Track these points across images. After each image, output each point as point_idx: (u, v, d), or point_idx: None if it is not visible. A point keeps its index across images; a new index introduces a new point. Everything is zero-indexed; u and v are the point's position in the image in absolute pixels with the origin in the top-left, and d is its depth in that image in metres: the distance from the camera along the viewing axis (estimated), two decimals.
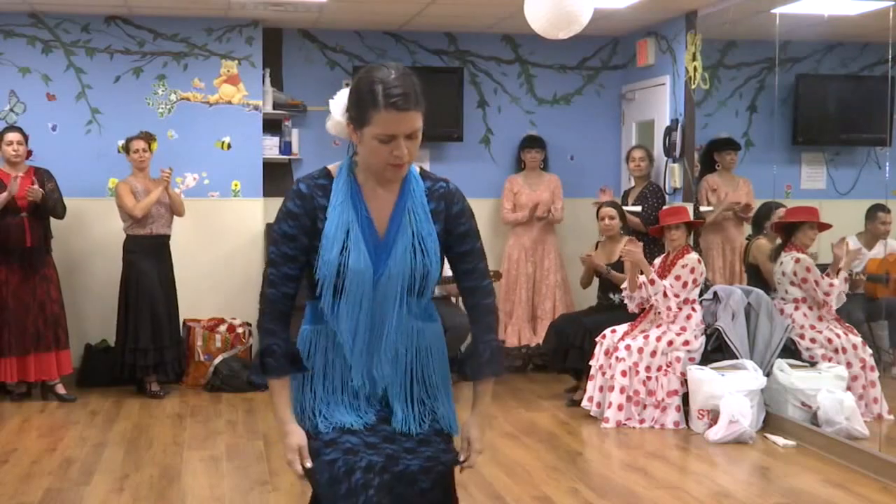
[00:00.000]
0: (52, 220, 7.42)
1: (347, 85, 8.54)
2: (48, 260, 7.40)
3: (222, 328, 8.03)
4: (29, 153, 7.37)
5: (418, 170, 2.70)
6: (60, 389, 7.35)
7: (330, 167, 2.66)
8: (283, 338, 2.67)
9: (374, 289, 2.59)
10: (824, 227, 6.97)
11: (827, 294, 6.77)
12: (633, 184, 8.38)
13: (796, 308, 6.89)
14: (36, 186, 7.12)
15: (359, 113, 2.51)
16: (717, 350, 6.83)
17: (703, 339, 6.85)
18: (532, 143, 8.59)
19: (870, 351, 6.76)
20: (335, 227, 2.57)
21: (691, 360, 6.74)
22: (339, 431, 2.61)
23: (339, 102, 2.64)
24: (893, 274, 7.46)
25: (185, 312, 7.91)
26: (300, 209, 2.60)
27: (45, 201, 7.16)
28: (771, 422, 6.51)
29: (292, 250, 2.61)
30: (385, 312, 2.61)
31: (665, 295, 6.78)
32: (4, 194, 7.01)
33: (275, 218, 2.66)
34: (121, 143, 7.93)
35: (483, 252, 2.75)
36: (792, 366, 6.65)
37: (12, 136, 7.26)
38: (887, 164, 8.00)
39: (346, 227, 2.58)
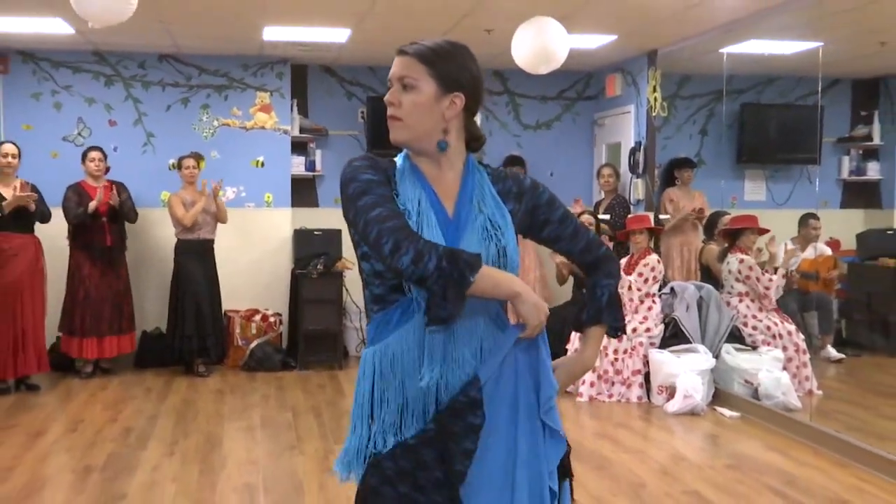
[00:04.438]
0: (126, 225, 7.52)
1: (363, 115, 8.70)
2: (122, 258, 7.50)
3: (257, 318, 8.04)
4: (107, 169, 7.43)
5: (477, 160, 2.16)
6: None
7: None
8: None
9: None
10: (763, 231, 7.00)
11: (767, 288, 6.79)
12: (602, 196, 8.40)
13: (740, 301, 6.91)
14: (115, 192, 7.25)
15: None
16: (673, 336, 6.85)
17: (661, 326, 6.87)
18: (513, 161, 8.60)
19: (802, 337, 6.78)
20: (404, 197, 1.99)
21: (652, 344, 6.76)
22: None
23: None
24: (822, 272, 7.48)
25: (226, 304, 7.91)
26: (371, 161, 2.03)
27: (121, 207, 7.26)
28: (719, 396, 6.52)
29: (388, 191, 1.97)
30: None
31: (629, 288, 6.82)
32: (94, 202, 7.10)
33: (346, 181, 1.97)
34: (172, 161, 7.96)
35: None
36: (737, 349, 6.67)
37: (95, 154, 7.36)
38: (817, 179, 8.04)
39: (417, 199, 1.99)
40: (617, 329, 2.20)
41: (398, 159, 2.08)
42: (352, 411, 2.08)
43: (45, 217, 6.90)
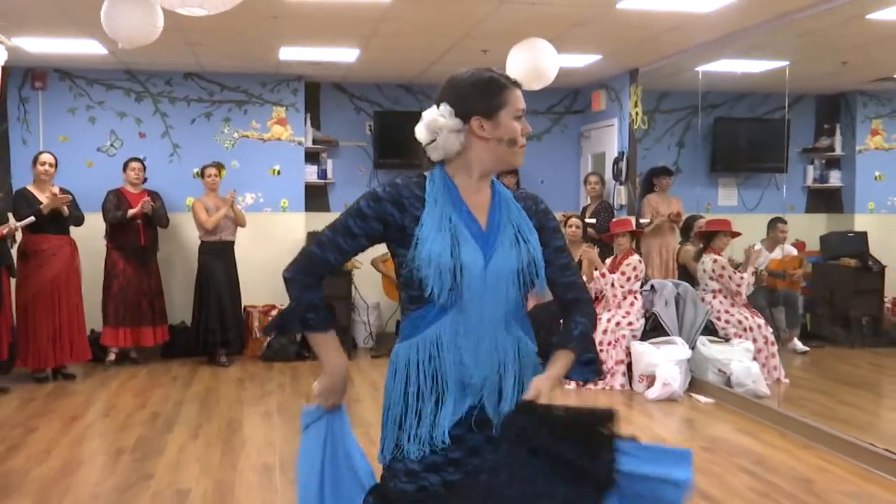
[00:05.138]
0: (159, 229, 7.55)
1: (370, 128, 8.71)
2: (154, 258, 7.53)
3: (274, 312, 8.02)
4: (145, 179, 7.44)
5: None
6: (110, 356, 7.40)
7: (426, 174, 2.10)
8: (320, 295, 2.10)
9: (484, 279, 1.98)
10: (735, 234, 7.00)
11: (738, 286, 6.78)
12: (589, 202, 8.39)
13: (714, 297, 6.90)
14: (148, 199, 7.27)
15: (493, 100, 2.05)
16: (653, 329, 6.84)
17: (642, 320, 6.86)
18: (507, 170, 8.59)
19: (770, 330, 6.77)
20: (437, 219, 1.98)
21: (634, 336, 6.75)
22: (424, 465, 1.99)
23: (444, 112, 2.04)
24: (789, 271, 7.48)
25: (245, 300, 7.90)
26: (387, 195, 2.02)
27: (154, 213, 7.30)
28: (695, 384, 6.51)
29: (357, 228, 2.02)
30: (495, 307, 2.01)
31: (612, 285, 6.81)
32: (137, 208, 7.16)
33: (358, 198, 2.09)
34: (196, 170, 7.96)
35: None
36: (711, 341, 6.66)
37: (135, 164, 7.42)
38: (784, 186, 8.05)
39: (448, 217, 1.99)
40: (587, 360, 2.10)
41: (431, 179, 2.07)
42: (382, 413, 2.09)
43: (79, 220, 6.90)
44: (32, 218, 6.50)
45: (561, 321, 2.17)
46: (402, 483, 1.99)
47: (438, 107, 2.06)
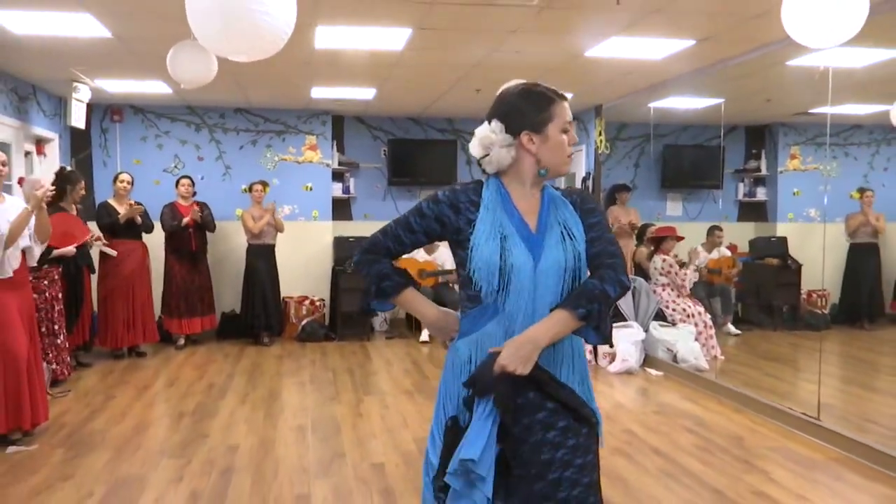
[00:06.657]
0: (208, 234, 7.46)
1: (384, 152, 8.70)
2: (204, 259, 7.45)
3: (307, 302, 8.02)
4: (194, 193, 7.42)
5: None
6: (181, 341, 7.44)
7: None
8: (388, 263, 1.86)
9: (534, 278, 1.74)
10: (680, 238, 7.00)
11: (683, 280, 6.79)
12: None
13: (663, 289, 6.90)
14: (197, 209, 7.18)
15: (541, 115, 1.82)
16: (614, 316, 6.83)
17: None
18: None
19: (709, 316, 6.77)
20: (489, 225, 1.77)
21: None
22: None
23: (495, 129, 1.82)
24: (724, 269, 7.49)
25: (284, 292, 7.90)
26: (445, 198, 1.80)
27: (202, 220, 7.22)
28: (648, 360, 6.52)
29: (417, 225, 1.82)
30: (547, 304, 1.74)
31: None
32: (187, 218, 7.09)
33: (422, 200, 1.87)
34: (244, 186, 7.96)
35: (609, 226, 1.87)
36: (661, 325, 6.66)
37: (185, 181, 7.34)
38: (720, 199, 8.04)
39: (500, 223, 1.77)
40: (581, 316, 1.73)
41: (487, 186, 1.83)
42: (437, 402, 1.84)
43: (149, 228, 6.90)
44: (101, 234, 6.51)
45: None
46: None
47: (490, 123, 1.82)
